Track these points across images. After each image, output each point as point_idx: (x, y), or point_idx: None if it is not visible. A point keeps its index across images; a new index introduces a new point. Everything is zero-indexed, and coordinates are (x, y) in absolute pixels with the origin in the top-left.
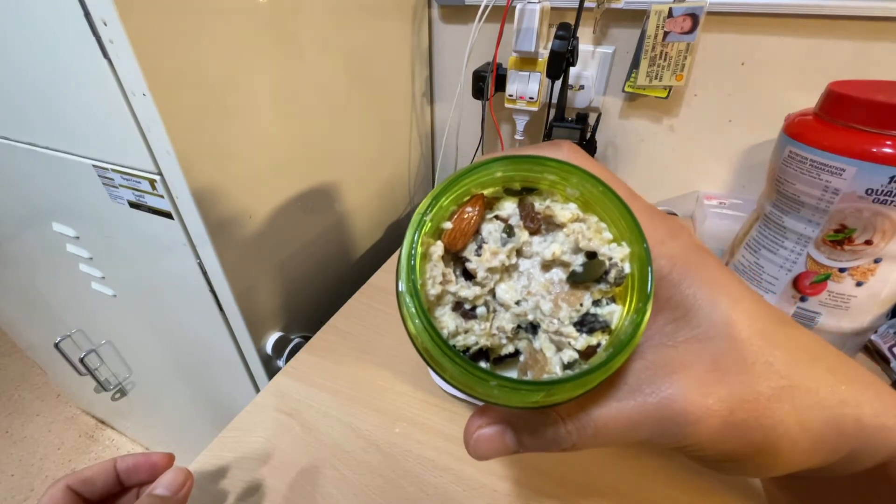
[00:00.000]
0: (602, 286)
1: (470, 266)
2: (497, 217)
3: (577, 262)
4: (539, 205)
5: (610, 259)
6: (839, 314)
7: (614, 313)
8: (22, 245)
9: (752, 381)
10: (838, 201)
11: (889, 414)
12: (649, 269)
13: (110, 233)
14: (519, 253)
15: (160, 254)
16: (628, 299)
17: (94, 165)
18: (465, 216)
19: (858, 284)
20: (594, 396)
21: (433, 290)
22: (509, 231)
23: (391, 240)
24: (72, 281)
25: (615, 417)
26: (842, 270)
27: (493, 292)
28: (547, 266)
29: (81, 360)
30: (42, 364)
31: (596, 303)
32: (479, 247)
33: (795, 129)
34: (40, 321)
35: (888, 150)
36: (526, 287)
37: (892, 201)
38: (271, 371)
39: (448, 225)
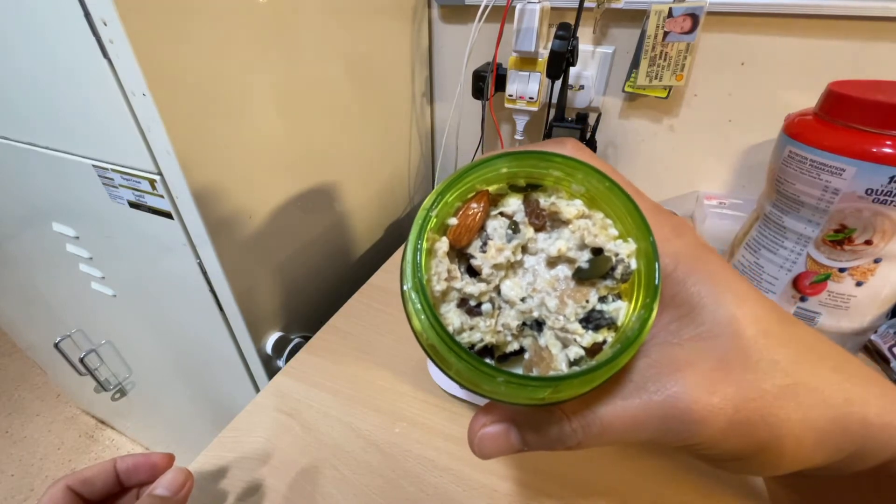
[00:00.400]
0: (608, 282)
1: (475, 263)
2: (502, 214)
3: (583, 258)
4: (544, 201)
5: (616, 255)
6: (839, 314)
7: (620, 310)
8: (22, 245)
9: (758, 379)
10: (838, 201)
11: (894, 412)
12: (656, 264)
13: (110, 233)
14: (524, 249)
15: (160, 254)
16: (634, 296)
17: (94, 165)
18: (471, 212)
19: (858, 284)
20: (599, 394)
21: (438, 287)
22: (514, 227)
23: (391, 240)
24: (72, 281)
25: (620, 415)
26: (842, 270)
27: (498, 289)
28: (552, 263)
29: (81, 360)
30: (42, 364)
31: (602, 299)
32: (484, 243)
33: (795, 129)
34: (40, 321)
35: (888, 150)
36: (531, 284)
37: (891, 201)
38: (271, 371)
39: (453, 221)
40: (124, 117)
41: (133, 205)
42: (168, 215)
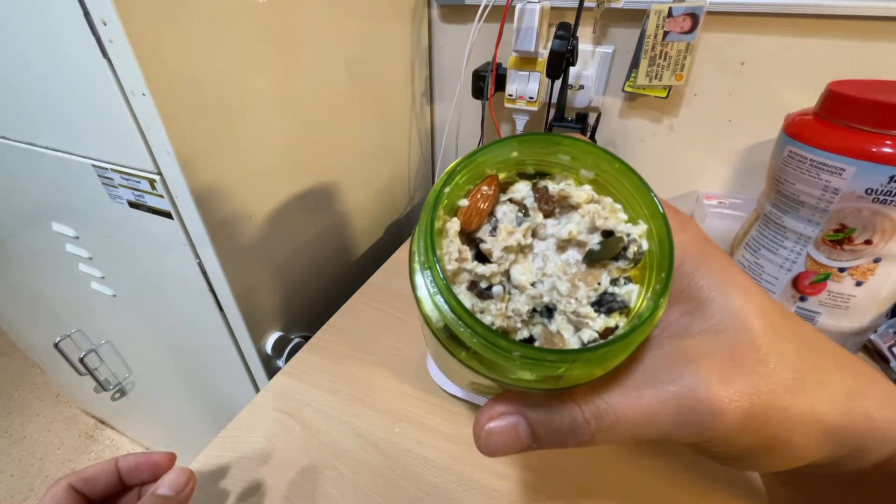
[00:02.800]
0: (620, 264)
1: (484, 247)
2: (511, 200)
3: (594, 241)
4: (553, 187)
5: (628, 235)
6: (839, 314)
7: (633, 293)
8: (22, 245)
9: (768, 372)
10: (838, 201)
11: (894, 408)
12: (669, 240)
13: (110, 233)
14: (534, 234)
15: (160, 254)
16: (646, 279)
17: (93, 165)
18: (481, 194)
19: (858, 284)
20: (612, 385)
21: (449, 267)
22: (524, 212)
23: (391, 240)
24: (72, 281)
25: (634, 406)
26: (841, 270)
27: (507, 274)
28: (562, 247)
29: (81, 360)
30: (42, 364)
31: (614, 282)
32: (494, 228)
33: (795, 129)
34: (40, 321)
35: (888, 150)
36: (541, 269)
37: (891, 201)
38: (271, 371)
39: (464, 202)
40: (124, 117)
41: (133, 205)
42: (168, 215)
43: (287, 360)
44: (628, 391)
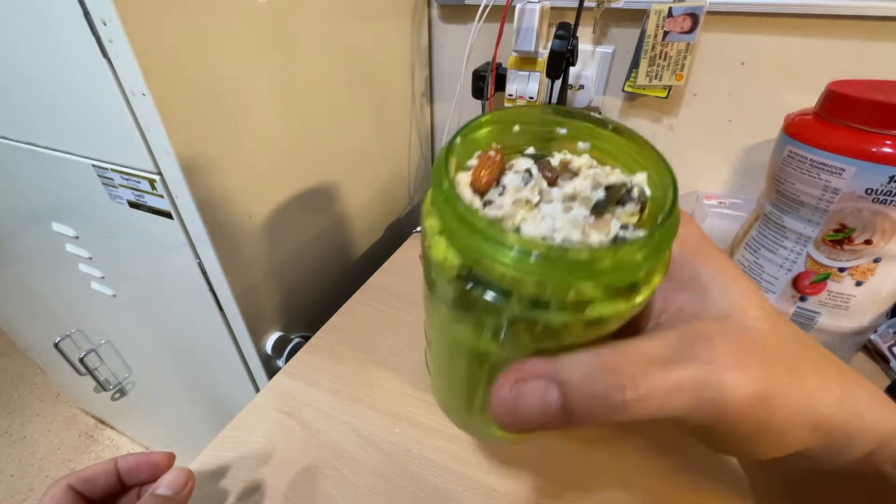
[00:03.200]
0: (628, 207)
1: (494, 207)
2: (515, 171)
3: (598, 195)
4: (554, 161)
5: (630, 180)
6: (839, 314)
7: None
8: (22, 245)
9: (772, 359)
10: (838, 201)
11: (877, 402)
12: (671, 178)
13: (110, 233)
14: (541, 195)
15: (160, 254)
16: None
17: (93, 165)
18: (490, 155)
19: (858, 284)
20: (640, 357)
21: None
22: (530, 175)
23: (391, 240)
24: (72, 281)
25: (662, 381)
26: (841, 270)
27: (518, 231)
28: (569, 208)
29: (81, 360)
30: (42, 364)
31: (623, 228)
32: (502, 192)
33: (795, 129)
34: (40, 321)
35: (888, 150)
36: (551, 227)
37: (891, 201)
38: (271, 371)
39: (473, 162)
40: (124, 117)
41: (133, 205)
42: (168, 215)
43: (287, 360)
44: (654, 363)
